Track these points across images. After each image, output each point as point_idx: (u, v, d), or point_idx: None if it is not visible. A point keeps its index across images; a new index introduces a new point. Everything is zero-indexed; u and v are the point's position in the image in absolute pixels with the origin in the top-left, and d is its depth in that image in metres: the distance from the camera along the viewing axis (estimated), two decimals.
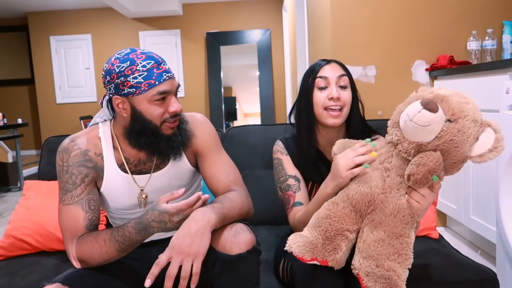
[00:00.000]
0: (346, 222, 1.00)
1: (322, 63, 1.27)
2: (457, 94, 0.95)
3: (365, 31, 2.39)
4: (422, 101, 0.91)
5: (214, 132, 1.25)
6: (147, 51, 1.08)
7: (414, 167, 0.91)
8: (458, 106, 0.92)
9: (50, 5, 6.05)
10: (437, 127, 0.90)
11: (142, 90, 1.03)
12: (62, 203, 1.10)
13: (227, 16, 6.25)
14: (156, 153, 1.13)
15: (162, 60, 1.08)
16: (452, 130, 0.90)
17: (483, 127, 0.93)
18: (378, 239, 0.95)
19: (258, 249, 1.04)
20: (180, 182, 1.21)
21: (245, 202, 1.13)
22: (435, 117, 0.90)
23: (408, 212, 0.97)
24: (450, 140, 0.90)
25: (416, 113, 0.91)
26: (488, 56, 2.23)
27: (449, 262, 1.22)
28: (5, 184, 4.61)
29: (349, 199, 1.01)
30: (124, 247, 1.03)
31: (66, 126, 6.30)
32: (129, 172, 1.15)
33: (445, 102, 0.92)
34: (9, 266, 1.38)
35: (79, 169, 1.11)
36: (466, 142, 0.91)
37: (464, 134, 0.91)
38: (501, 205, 1.51)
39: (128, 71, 1.02)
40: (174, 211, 0.97)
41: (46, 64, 6.36)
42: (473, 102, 0.95)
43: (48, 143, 1.69)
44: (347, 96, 1.24)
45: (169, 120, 1.09)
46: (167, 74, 1.06)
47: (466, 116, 0.91)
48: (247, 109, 7.02)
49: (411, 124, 0.92)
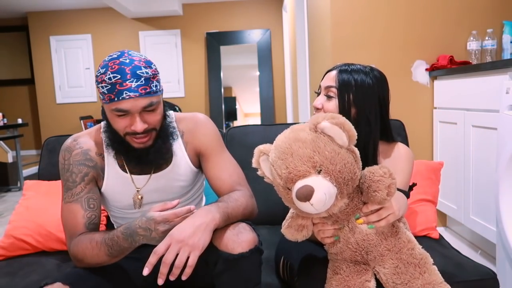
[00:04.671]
0: (360, 275, 1.00)
1: (329, 70, 1.24)
2: (281, 155, 0.92)
3: (365, 31, 2.39)
4: (299, 199, 0.87)
5: (217, 132, 1.24)
6: (128, 61, 1.01)
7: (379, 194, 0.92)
8: (300, 160, 0.89)
9: (50, 5, 6.05)
10: (329, 187, 0.88)
11: (105, 101, 1.03)
12: (64, 201, 1.12)
13: (227, 16, 6.25)
14: (135, 161, 1.12)
15: (135, 76, 1.00)
16: (331, 169, 0.88)
17: (319, 131, 0.92)
18: (393, 269, 0.96)
19: (260, 248, 1.04)
20: (182, 182, 1.20)
21: (249, 202, 1.13)
22: (320, 190, 0.87)
23: (388, 228, 0.99)
24: (343, 179, 0.90)
25: (311, 208, 0.88)
26: (488, 56, 2.23)
27: (449, 262, 1.22)
28: (5, 184, 4.61)
29: (345, 260, 1.02)
30: (113, 252, 1.01)
31: (66, 126, 6.30)
32: (128, 172, 1.15)
33: (295, 173, 0.89)
34: (9, 266, 1.38)
35: (79, 167, 1.12)
36: (347, 162, 0.90)
37: (332, 158, 0.89)
38: (501, 205, 1.51)
39: (99, 79, 1.02)
40: (160, 219, 0.94)
41: (46, 64, 6.36)
42: (294, 139, 0.92)
43: (48, 143, 1.69)
44: (330, 107, 1.19)
45: (134, 136, 1.06)
46: (129, 93, 0.99)
47: (314, 155, 0.89)
48: (247, 109, 7.02)
49: (320, 213, 0.91)
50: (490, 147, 1.82)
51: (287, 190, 0.93)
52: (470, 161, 1.99)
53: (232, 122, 6.46)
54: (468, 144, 2.01)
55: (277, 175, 0.93)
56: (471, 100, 2.00)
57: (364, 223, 0.97)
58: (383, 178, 0.91)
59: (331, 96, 1.18)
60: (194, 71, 6.30)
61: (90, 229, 1.09)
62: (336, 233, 1.00)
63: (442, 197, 2.29)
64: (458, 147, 2.11)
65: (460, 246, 2.17)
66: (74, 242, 1.06)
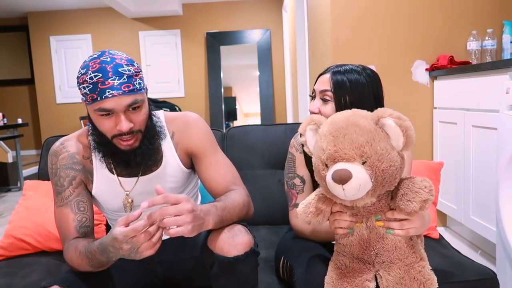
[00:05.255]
0: (361, 273, 0.99)
1: (321, 72, 1.22)
2: (334, 134, 0.90)
3: (365, 31, 2.39)
4: (335, 180, 0.86)
5: (209, 131, 1.20)
6: (109, 59, 0.99)
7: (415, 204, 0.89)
8: (351, 145, 0.88)
9: (50, 5, 6.05)
10: (365, 178, 0.87)
11: (88, 102, 1.00)
12: (56, 205, 1.11)
13: (227, 16, 6.25)
14: (123, 164, 1.09)
15: (117, 74, 0.98)
16: (374, 163, 0.87)
17: (379, 124, 0.90)
18: (398, 279, 0.95)
19: (256, 250, 1.03)
20: (172, 184, 1.17)
21: (246, 202, 1.12)
22: (356, 178, 0.85)
23: (406, 239, 0.97)
24: (381, 171, 0.88)
25: (343, 193, 0.87)
26: (488, 56, 2.23)
27: (449, 262, 1.22)
28: (5, 184, 4.61)
29: (348, 253, 1.01)
30: (94, 264, 0.98)
31: (66, 126, 6.30)
32: (115, 174, 1.13)
33: (341, 154, 0.88)
34: (9, 266, 1.38)
35: (66, 171, 1.11)
36: (391, 152, 0.89)
37: (383, 155, 0.87)
38: (501, 205, 1.51)
39: (80, 79, 0.99)
40: (121, 238, 0.87)
41: (46, 64, 6.36)
42: (346, 125, 0.90)
43: (48, 143, 1.69)
44: (326, 111, 1.18)
45: (119, 137, 1.03)
46: (111, 91, 0.97)
47: (364, 145, 0.87)
48: (247, 109, 7.01)
49: (350, 199, 0.90)
50: (490, 147, 1.82)
51: (324, 166, 0.92)
52: (470, 161, 1.99)
53: (232, 122, 6.45)
54: (468, 144, 2.01)
55: (321, 149, 0.92)
56: (471, 100, 2.00)
57: (383, 226, 0.96)
58: (422, 191, 0.89)
59: (327, 100, 1.18)
60: (194, 71, 6.30)
61: (81, 233, 1.08)
62: (351, 226, 0.99)
63: (442, 197, 2.29)
64: (458, 147, 2.11)
65: (460, 246, 2.17)
66: (65, 248, 1.06)
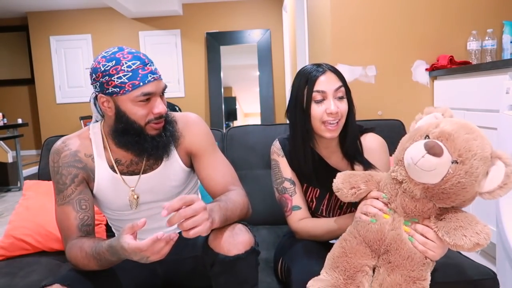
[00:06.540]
0: (363, 257, 0.99)
1: (317, 74, 1.17)
2: (463, 129, 0.89)
3: (365, 31, 2.39)
4: (426, 145, 0.86)
5: (209, 132, 1.23)
6: (134, 50, 1.06)
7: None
8: (465, 145, 0.86)
9: (50, 5, 6.05)
10: (443, 170, 0.86)
11: (126, 90, 1.02)
12: (57, 204, 1.12)
13: (227, 16, 6.25)
14: (142, 153, 1.11)
15: (149, 61, 1.07)
16: (459, 172, 0.86)
17: (493, 160, 0.89)
18: (395, 283, 0.94)
19: (257, 249, 1.03)
20: (173, 182, 1.19)
21: (245, 202, 1.13)
22: (440, 162, 0.85)
23: (421, 254, 0.95)
24: (457, 182, 0.86)
25: (420, 158, 0.86)
26: (488, 56, 2.23)
27: (449, 262, 1.22)
28: (5, 184, 4.61)
29: (360, 236, 1.01)
30: (103, 264, 1.00)
31: (66, 126, 6.30)
32: (118, 173, 1.14)
33: (450, 141, 0.87)
34: (9, 266, 1.38)
35: (68, 169, 1.11)
36: (474, 183, 0.87)
37: (472, 175, 0.86)
38: (501, 205, 1.51)
39: (113, 71, 1.01)
40: (130, 252, 0.89)
41: (46, 64, 6.36)
42: (481, 136, 0.89)
43: (48, 143, 1.69)
44: (344, 108, 1.18)
45: (153, 121, 1.08)
46: (152, 75, 1.04)
47: (474, 155, 0.86)
48: (247, 109, 7.01)
49: (416, 167, 0.88)
50: None
51: (421, 138, 0.91)
52: None
53: (232, 122, 6.45)
54: None
55: (437, 125, 0.91)
56: (471, 100, 2.00)
57: (407, 232, 0.96)
58: (482, 235, 0.88)
59: (342, 97, 1.18)
60: (194, 71, 6.30)
61: (83, 231, 1.08)
62: (378, 215, 0.99)
63: None
64: None
65: None
66: (68, 247, 1.06)
